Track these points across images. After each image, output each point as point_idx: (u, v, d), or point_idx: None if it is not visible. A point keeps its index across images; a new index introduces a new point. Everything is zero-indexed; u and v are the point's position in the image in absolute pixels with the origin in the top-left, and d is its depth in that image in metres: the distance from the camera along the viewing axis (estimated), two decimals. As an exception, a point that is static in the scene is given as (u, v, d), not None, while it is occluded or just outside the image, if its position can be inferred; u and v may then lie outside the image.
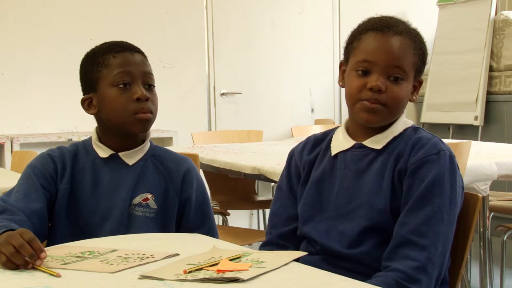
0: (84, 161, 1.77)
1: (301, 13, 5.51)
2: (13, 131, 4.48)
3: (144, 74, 1.74)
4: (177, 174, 1.80)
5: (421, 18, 5.77)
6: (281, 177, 1.76)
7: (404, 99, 1.59)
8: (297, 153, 1.73)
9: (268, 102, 5.40)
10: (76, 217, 1.73)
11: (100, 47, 1.78)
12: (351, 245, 1.55)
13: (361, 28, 1.61)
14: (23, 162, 3.09)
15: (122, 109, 1.71)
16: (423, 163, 1.51)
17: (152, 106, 1.74)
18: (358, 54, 1.58)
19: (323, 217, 1.61)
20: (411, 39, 1.58)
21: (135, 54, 1.75)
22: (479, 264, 3.18)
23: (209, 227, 1.81)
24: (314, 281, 1.25)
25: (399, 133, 1.60)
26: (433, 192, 1.49)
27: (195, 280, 1.22)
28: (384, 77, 1.55)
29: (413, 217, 1.48)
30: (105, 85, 1.73)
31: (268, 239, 1.70)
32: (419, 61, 1.60)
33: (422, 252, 1.45)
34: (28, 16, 4.53)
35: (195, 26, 5.09)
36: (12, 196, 1.67)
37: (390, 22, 1.58)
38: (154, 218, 1.75)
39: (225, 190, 3.74)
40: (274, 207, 1.73)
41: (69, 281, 1.25)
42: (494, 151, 3.28)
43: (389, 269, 1.46)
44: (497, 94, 5.16)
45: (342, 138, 1.65)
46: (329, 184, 1.63)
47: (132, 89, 1.71)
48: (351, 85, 1.59)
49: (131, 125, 1.73)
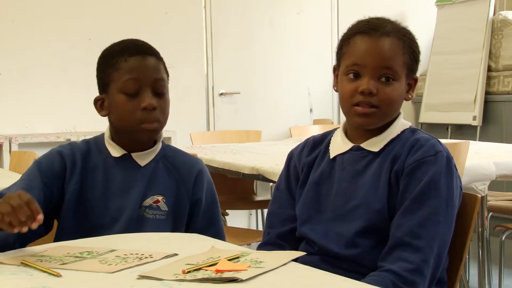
0: (96, 160, 1.75)
1: (299, 13, 5.51)
2: (11, 131, 4.48)
3: (155, 81, 1.70)
4: (189, 176, 1.78)
5: (420, 19, 5.79)
6: (279, 177, 1.76)
7: (397, 99, 1.59)
8: (296, 155, 1.74)
9: (267, 102, 5.40)
10: (85, 218, 1.71)
11: (115, 47, 1.74)
12: (348, 246, 1.55)
13: (350, 32, 1.61)
14: (22, 162, 3.10)
15: (129, 116, 1.69)
16: (420, 164, 1.51)
17: (161, 114, 1.70)
18: (348, 58, 1.59)
19: (321, 219, 1.62)
20: (399, 39, 1.58)
21: (148, 58, 1.71)
22: (477, 264, 3.18)
23: (217, 230, 1.80)
24: (312, 281, 1.25)
25: (396, 135, 1.60)
26: (429, 193, 1.49)
27: (193, 280, 1.22)
28: (375, 79, 1.56)
29: (409, 219, 1.48)
30: (115, 90, 1.70)
31: (267, 239, 1.70)
32: (410, 60, 1.59)
33: (417, 254, 1.45)
34: (26, 16, 4.53)
35: (193, 26, 5.09)
36: (11, 189, 1.65)
37: (377, 24, 1.58)
38: (165, 220, 1.73)
39: (224, 190, 3.73)
40: (272, 207, 1.74)
41: (67, 281, 1.25)
42: (493, 151, 3.29)
43: (383, 269, 1.46)
44: (496, 94, 5.16)
45: (340, 141, 1.66)
46: (327, 186, 1.63)
47: (141, 97, 1.68)
48: (343, 90, 1.61)
49: (136, 134, 1.71)
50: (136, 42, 1.76)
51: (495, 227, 3.35)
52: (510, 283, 3.93)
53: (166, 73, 1.77)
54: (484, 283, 3.18)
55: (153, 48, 1.75)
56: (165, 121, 1.74)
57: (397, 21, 1.63)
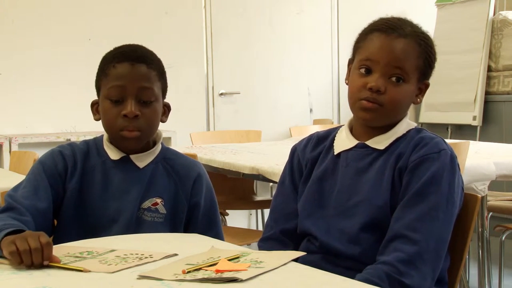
0: (94, 161, 1.75)
1: (299, 13, 5.51)
2: (11, 131, 4.48)
3: (139, 89, 1.69)
4: (187, 179, 1.78)
5: (420, 18, 5.74)
6: (283, 172, 1.76)
7: (404, 101, 1.59)
8: (299, 149, 1.74)
9: (267, 102, 5.40)
10: (84, 218, 1.72)
11: (111, 52, 1.75)
12: (350, 242, 1.55)
13: (369, 28, 1.63)
14: (22, 162, 3.10)
15: (111, 123, 1.70)
16: (423, 161, 1.52)
17: (144, 123, 1.69)
18: (362, 53, 1.61)
19: (323, 214, 1.62)
20: (416, 42, 1.58)
21: (137, 66, 1.69)
22: (477, 264, 3.18)
23: (216, 233, 1.80)
24: (313, 281, 1.25)
25: (402, 134, 1.61)
26: (430, 189, 1.49)
27: (193, 280, 1.22)
28: (385, 77, 1.56)
29: (408, 213, 1.49)
30: (102, 95, 1.72)
31: (270, 234, 1.70)
32: (423, 65, 1.59)
33: (412, 246, 1.45)
34: (26, 16, 4.53)
35: (193, 26, 5.09)
36: (19, 192, 1.66)
37: (397, 24, 1.59)
38: (163, 223, 1.74)
39: (224, 190, 3.73)
40: (276, 201, 1.74)
41: (67, 281, 1.25)
42: (493, 151, 3.29)
43: (378, 262, 1.47)
44: (496, 94, 5.16)
45: (345, 137, 1.66)
46: (330, 182, 1.64)
47: (124, 104, 1.68)
48: (353, 84, 1.62)
49: (118, 140, 1.73)
50: (130, 48, 1.75)
51: (495, 227, 3.35)
52: (510, 283, 3.92)
53: (161, 81, 1.75)
54: (484, 283, 3.19)
55: (147, 56, 1.74)
56: (150, 130, 1.73)
57: (419, 25, 1.63)
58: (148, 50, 1.78)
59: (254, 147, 3.54)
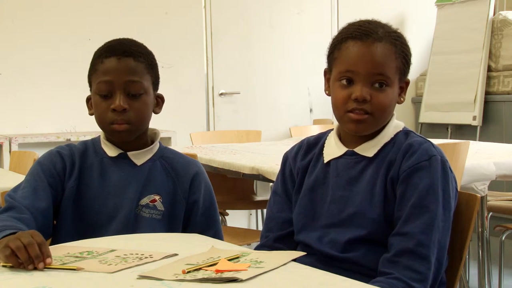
0: (92, 160, 1.77)
1: (299, 13, 5.51)
2: (11, 131, 4.48)
3: (127, 83, 1.70)
4: (185, 176, 1.79)
5: (420, 19, 5.79)
6: (276, 181, 1.76)
7: (390, 105, 1.58)
8: (291, 158, 1.73)
9: (267, 102, 5.40)
10: (82, 216, 1.73)
11: (100, 48, 1.77)
12: (344, 251, 1.56)
13: (341, 36, 1.60)
14: (22, 162, 3.10)
15: (102, 117, 1.72)
16: (414, 170, 1.51)
17: (134, 116, 1.70)
18: (340, 64, 1.58)
19: (316, 226, 1.61)
20: (391, 44, 1.56)
21: (123, 59, 1.71)
22: (477, 264, 3.18)
23: (215, 231, 1.80)
24: (313, 281, 1.25)
25: (390, 138, 1.60)
26: (428, 199, 1.49)
27: (193, 280, 1.22)
28: (368, 85, 1.55)
29: (412, 227, 1.48)
30: (93, 90, 1.75)
31: (264, 242, 1.70)
32: (402, 64, 1.58)
33: (422, 262, 1.46)
34: (26, 16, 4.53)
35: (193, 26, 5.09)
36: (19, 192, 1.67)
37: (369, 29, 1.56)
38: (161, 220, 1.74)
39: (224, 190, 3.73)
40: (270, 211, 1.73)
41: (67, 281, 1.25)
42: (493, 151, 3.28)
43: (391, 276, 1.46)
44: (496, 94, 5.16)
45: (334, 145, 1.65)
46: (322, 192, 1.63)
47: (112, 98, 1.70)
48: (336, 97, 1.60)
49: (110, 134, 1.75)
50: (117, 42, 1.77)
51: (495, 227, 3.35)
52: (510, 283, 3.92)
53: (150, 73, 1.75)
54: (484, 283, 3.19)
55: (134, 49, 1.74)
56: (140, 122, 1.73)
57: (388, 23, 1.61)
58: (137, 43, 1.79)
59: (254, 147, 3.54)
